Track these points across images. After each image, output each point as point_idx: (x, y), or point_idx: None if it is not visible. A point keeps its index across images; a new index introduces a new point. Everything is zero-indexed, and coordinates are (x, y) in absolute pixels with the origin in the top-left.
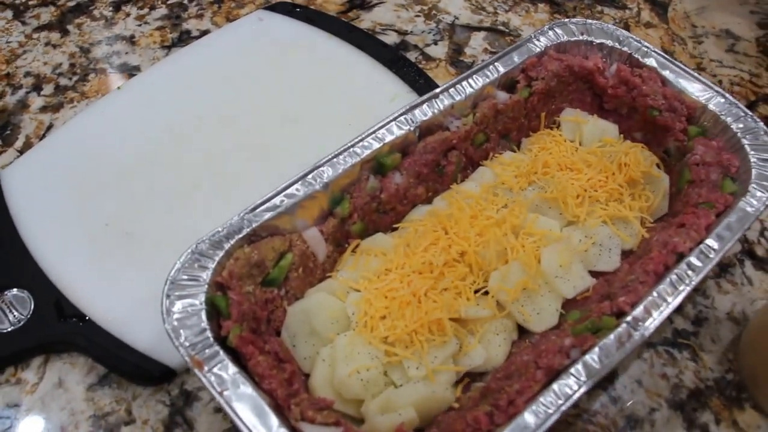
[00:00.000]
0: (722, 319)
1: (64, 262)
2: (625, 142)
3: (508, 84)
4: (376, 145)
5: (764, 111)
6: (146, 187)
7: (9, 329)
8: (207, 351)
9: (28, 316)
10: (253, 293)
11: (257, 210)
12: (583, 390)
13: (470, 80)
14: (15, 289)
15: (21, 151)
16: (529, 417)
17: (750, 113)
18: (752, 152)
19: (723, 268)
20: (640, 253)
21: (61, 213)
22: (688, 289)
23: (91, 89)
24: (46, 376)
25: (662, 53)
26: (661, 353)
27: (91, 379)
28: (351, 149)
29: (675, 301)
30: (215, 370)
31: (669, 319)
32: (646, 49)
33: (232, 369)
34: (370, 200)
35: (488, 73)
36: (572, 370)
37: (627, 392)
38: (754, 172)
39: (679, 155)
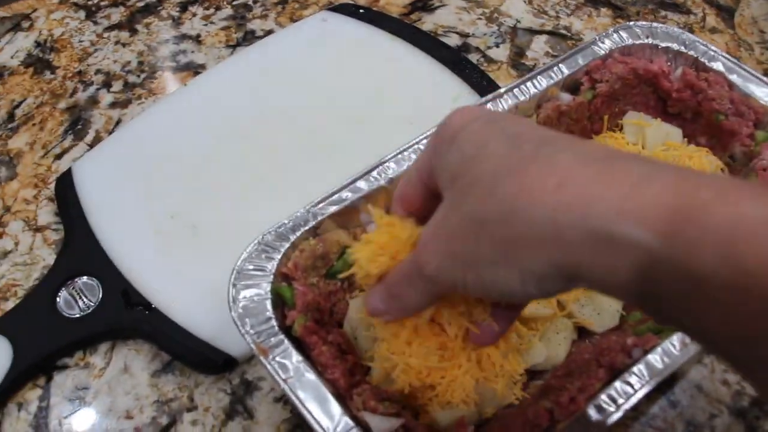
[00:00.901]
0: None
1: (131, 252)
2: (689, 146)
3: (571, 86)
4: None
5: None
6: (210, 182)
7: (78, 315)
8: (272, 339)
9: (97, 304)
10: (317, 285)
11: (322, 204)
12: (645, 390)
13: (534, 81)
14: (85, 277)
15: (91, 145)
16: (590, 414)
17: None
18: None
19: None
20: None
21: (128, 205)
22: None
23: (158, 86)
24: (112, 362)
25: (729, 57)
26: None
27: (156, 366)
28: (416, 146)
29: None
30: (279, 358)
31: None
32: (713, 53)
33: (296, 357)
34: None
35: (552, 75)
36: (634, 370)
37: (686, 397)
38: None
39: (745, 160)
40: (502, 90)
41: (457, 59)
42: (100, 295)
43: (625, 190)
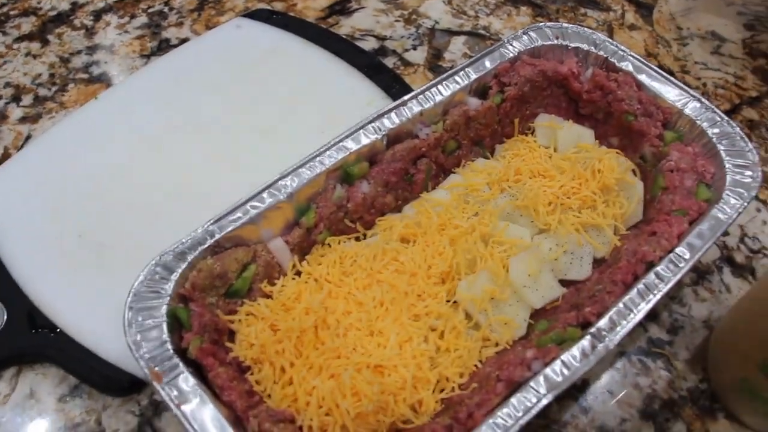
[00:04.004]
0: (698, 328)
1: (37, 273)
2: (600, 148)
3: (480, 90)
4: (343, 155)
5: (748, 114)
6: (120, 198)
7: None
8: (167, 363)
9: (1, 328)
10: (216, 304)
11: (221, 221)
12: (543, 403)
13: (440, 87)
14: None
15: None
16: (486, 430)
17: (726, 118)
18: (727, 158)
19: (701, 275)
20: (612, 262)
21: (36, 224)
22: (656, 299)
23: (70, 99)
24: (18, 387)
25: (638, 57)
26: (635, 362)
27: (63, 390)
28: (317, 159)
29: (641, 312)
30: (175, 382)
31: (643, 328)
32: (622, 53)
33: (192, 381)
34: (337, 210)
35: (459, 80)
36: (532, 383)
37: (598, 402)
38: (728, 178)
39: (655, 161)
40: (406, 98)
41: (371, 64)
42: (4, 319)
43: None
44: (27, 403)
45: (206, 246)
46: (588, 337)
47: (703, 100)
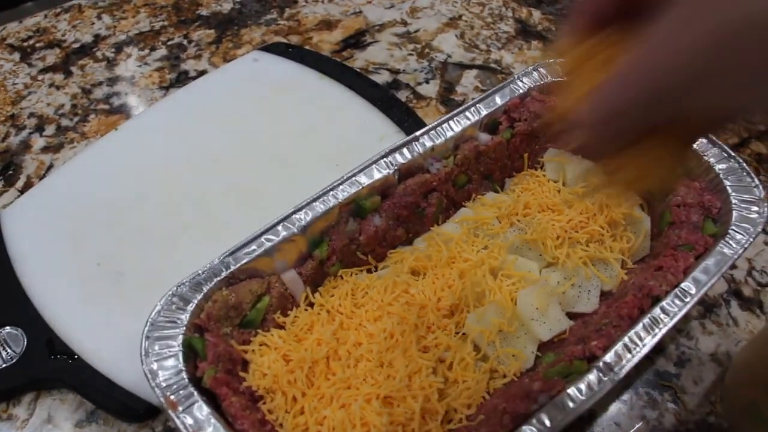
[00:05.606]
0: (705, 361)
1: (57, 300)
2: None
3: (490, 125)
4: (355, 189)
5: (756, 148)
6: (138, 227)
7: (2, 366)
8: (182, 392)
9: (21, 354)
10: (231, 335)
11: (237, 253)
12: None
13: (451, 122)
14: (9, 327)
15: (22, 191)
16: None
17: (733, 154)
18: (734, 194)
19: (708, 309)
20: (618, 295)
21: (56, 252)
22: (661, 333)
23: (91, 130)
24: (36, 412)
25: None
26: (642, 395)
27: (79, 416)
28: (330, 193)
29: (647, 346)
30: (190, 410)
31: (650, 360)
32: None
33: (206, 410)
34: (349, 243)
35: (470, 115)
36: (536, 417)
37: None
38: (735, 213)
39: (662, 196)
40: (418, 133)
41: (384, 97)
42: (24, 345)
43: None
44: (44, 428)
45: (222, 277)
46: (594, 370)
47: (710, 135)
